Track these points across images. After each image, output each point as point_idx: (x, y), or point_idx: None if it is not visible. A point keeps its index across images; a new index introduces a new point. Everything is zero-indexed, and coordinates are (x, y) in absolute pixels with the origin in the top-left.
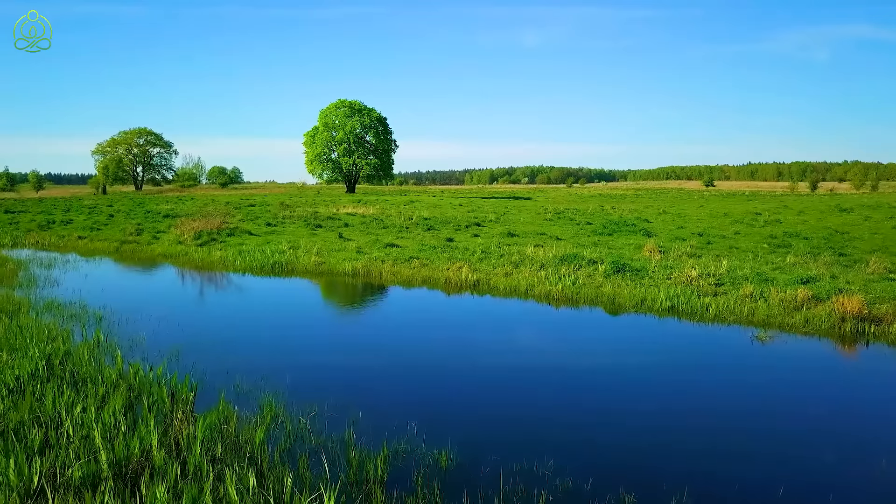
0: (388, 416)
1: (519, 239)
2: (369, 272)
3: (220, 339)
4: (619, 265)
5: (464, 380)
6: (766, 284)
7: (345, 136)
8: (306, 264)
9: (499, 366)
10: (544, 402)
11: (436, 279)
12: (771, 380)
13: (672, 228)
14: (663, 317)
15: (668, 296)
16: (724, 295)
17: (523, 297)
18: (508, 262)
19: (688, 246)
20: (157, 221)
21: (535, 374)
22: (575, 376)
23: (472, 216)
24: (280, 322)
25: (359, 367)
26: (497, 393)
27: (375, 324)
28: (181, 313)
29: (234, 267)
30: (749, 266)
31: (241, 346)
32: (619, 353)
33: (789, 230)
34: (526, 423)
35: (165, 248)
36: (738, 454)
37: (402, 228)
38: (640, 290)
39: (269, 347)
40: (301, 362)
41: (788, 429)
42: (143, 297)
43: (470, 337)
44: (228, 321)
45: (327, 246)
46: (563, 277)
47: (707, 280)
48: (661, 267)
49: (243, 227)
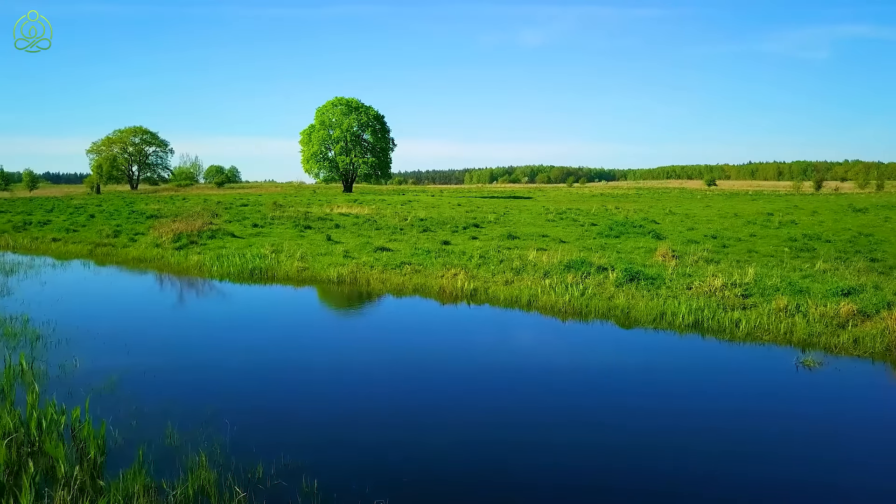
0: (359, 483)
1: (520, 242)
2: (356, 279)
3: (168, 364)
4: (632, 273)
5: (467, 434)
6: (802, 296)
7: (342, 134)
8: (288, 270)
9: (506, 408)
10: (563, 462)
11: (429, 287)
12: (827, 418)
13: (682, 230)
14: (686, 333)
15: (690, 309)
16: (755, 308)
17: (525, 308)
18: (509, 268)
19: (703, 250)
20: (138, 222)
21: (546, 418)
22: (594, 417)
23: (471, 217)
24: (240, 344)
25: (327, 411)
26: (502, 448)
27: (352, 348)
28: (133, 330)
29: (210, 273)
30: (777, 274)
31: (189, 374)
32: (643, 383)
33: (808, 232)
34: (544, 488)
35: (141, 252)
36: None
37: (396, 230)
38: (658, 301)
39: (220, 378)
40: (253, 401)
41: (863, 484)
42: (97, 310)
43: (470, 367)
44: (184, 340)
45: (313, 249)
46: (570, 287)
47: (733, 290)
48: (679, 275)
49: (227, 229)
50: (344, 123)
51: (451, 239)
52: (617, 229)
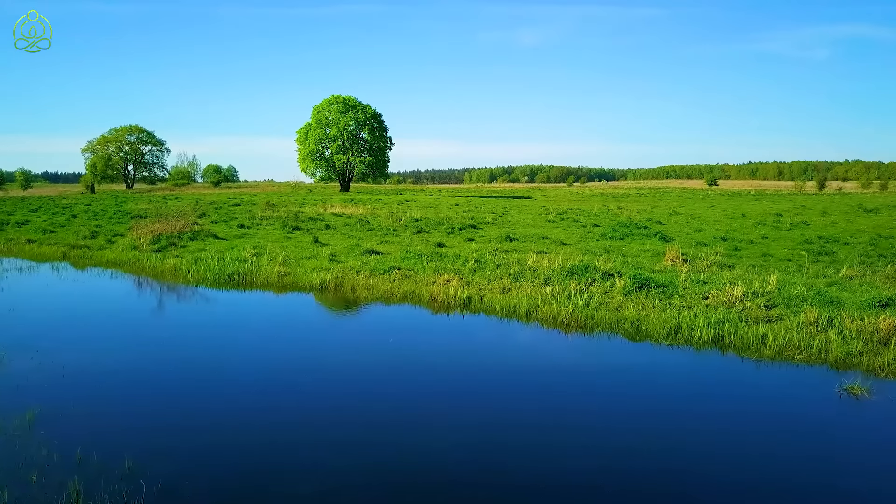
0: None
1: (519, 244)
2: (340, 285)
3: (98, 395)
4: (641, 280)
5: (461, 473)
6: (833, 307)
7: (338, 132)
8: (268, 275)
9: (503, 442)
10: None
11: (419, 295)
12: (888, 467)
13: (689, 231)
14: (704, 350)
15: (708, 322)
16: (780, 322)
17: (524, 319)
18: (506, 273)
19: (714, 253)
20: (120, 223)
21: (548, 456)
22: (606, 456)
23: (468, 217)
24: (184, 373)
25: (285, 443)
26: (499, 493)
27: (323, 367)
28: (75, 349)
29: (186, 278)
30: (800, 281)
31: (113, 410)
32: (660, 414)
33: (823, 234)
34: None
35: (117, 255)
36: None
37: (389, 231)
38: (672, 313)
39: (149, 413)
40: (181, 455)
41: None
42: (45, 323)
43: (461, 390)
44: (129, 365)
45: (298, 252)
46: (574, 296)
47: (755, 301)
48: (693, 282)
49: (210, 230)
50: (341, 122)
51: (446, 241)
52: (621, 231)
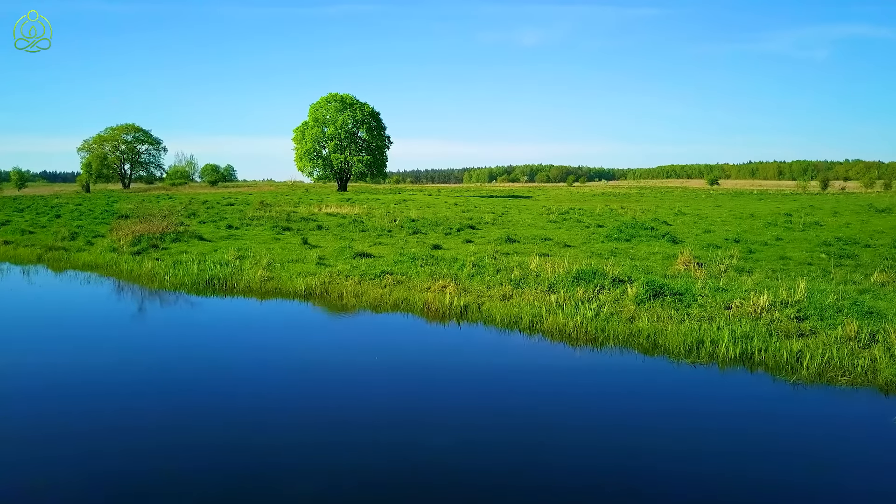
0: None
1: (520, 246)
2: (327, 291)
3: (25, 425)
4: (655, 287)
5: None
6: (872, 319)
7: (335, 131)
8: (250, 280)
9: (501, 483)
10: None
11: (412, 303)
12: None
13: (698, 232)
14: (731, 369)
15: (733, 336)
16: (814, 336)
17: (527, 331)
18: (507, 279)
19: (728, 256)
20: (104, 223)
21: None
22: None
23: (467, 217)
24: (141, 387)
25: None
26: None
27: (295, 389)
28: (19, 363)
29: (163, 283)
30: (830, 289)
31: (60, 430)
32: (689, 455)
33: (839, 235)
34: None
35: (94, 257)
36: None
37: (384, 232)
38: (691, 325)
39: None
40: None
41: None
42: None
43: (456, 413)
44: (76, 379)
45: (285, 255)
46: (582, 304)
47: (784, 312)
48: (711, 289)
49: (196, 231)
50: (338, 120)
51: (444, 242)
52: (627, 231)
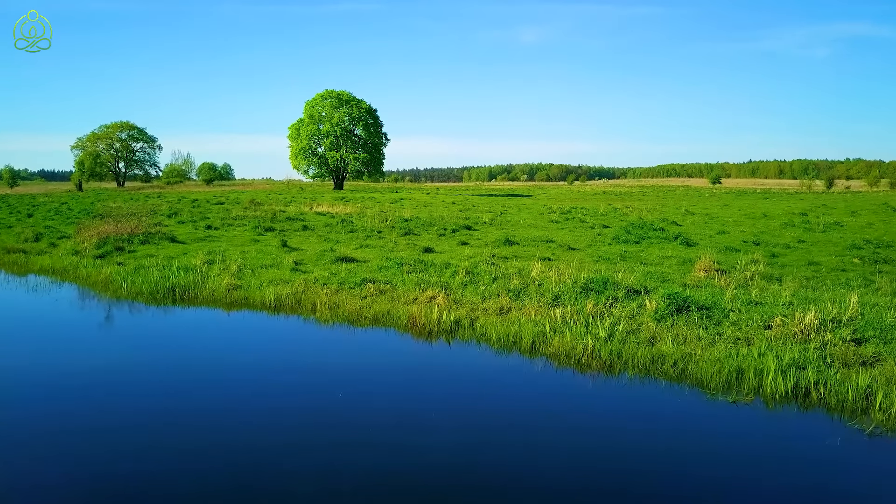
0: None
1: (519, 248)
2: (299, 302)
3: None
4: (678, 300)
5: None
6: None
7: (331, 128)
8: (214, 289)
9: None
10: None
11: (394, 317)
12: None
13: (711, 234)
14: (781, 409)
15: (780, 365)
16: (881, 364)
17: (528, 354)
18: (505, 288)
19: (751, 261)
20: (73, 224)
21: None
22: None
23: (463, 217)
24: (69, 419)
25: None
26: None
27: (225, 437)
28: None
29: (118, 291)
30: (885, 303)
31: None
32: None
33: (867, 237)
34: None
35: (54, 261)
36: None
37: (373, 233)
38: (725, 349)
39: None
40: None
41: None
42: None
43: (438, 466)
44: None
45: (260, 259)
46: (592, 321)
47: (837, 333)
48: (744, 303)
49: (169, 232)
50: (334, 117)
51: (436, 245)
52: (635, 233)
